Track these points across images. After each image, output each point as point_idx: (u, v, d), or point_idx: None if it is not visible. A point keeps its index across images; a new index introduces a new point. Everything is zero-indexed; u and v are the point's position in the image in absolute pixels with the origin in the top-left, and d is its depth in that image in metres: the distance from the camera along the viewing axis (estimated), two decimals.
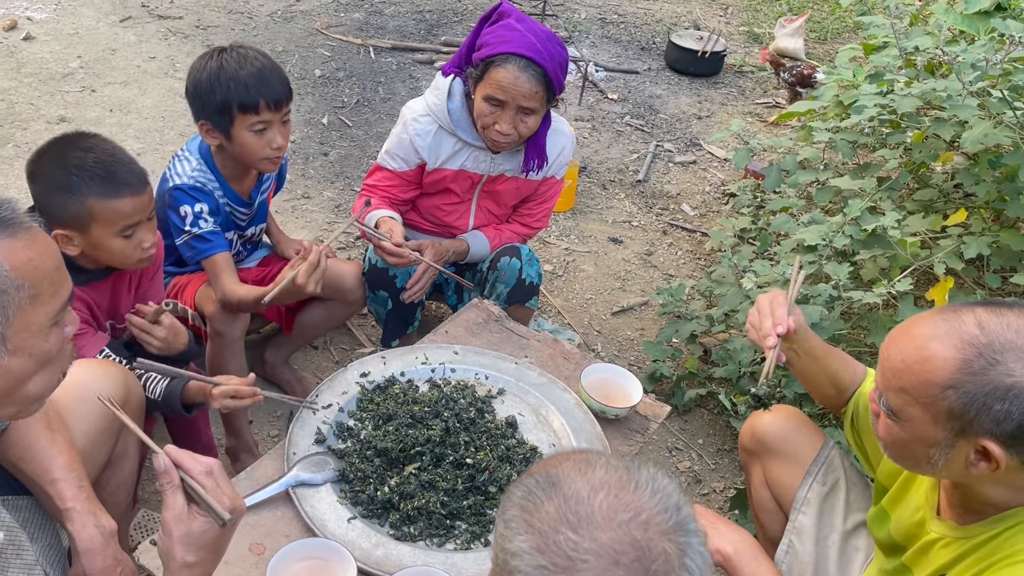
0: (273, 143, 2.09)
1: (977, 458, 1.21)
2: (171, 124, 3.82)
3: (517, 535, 0.87)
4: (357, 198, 2.39)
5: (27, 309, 1.07)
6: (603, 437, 1.89)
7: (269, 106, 2.04)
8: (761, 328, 1.59)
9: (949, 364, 1.18)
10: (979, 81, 2.41)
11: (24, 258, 1.06)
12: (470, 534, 1.67)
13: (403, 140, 2.34)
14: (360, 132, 4.05)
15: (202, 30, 4.71)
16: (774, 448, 1.78)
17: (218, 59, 2.06)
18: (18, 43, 4.31)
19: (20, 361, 1.09)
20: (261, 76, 2.04)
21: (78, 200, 1.70)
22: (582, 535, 0.84)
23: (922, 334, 1.23)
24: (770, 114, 4.66)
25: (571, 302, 3.21)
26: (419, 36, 4.99)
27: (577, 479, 0.89)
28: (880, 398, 1.30)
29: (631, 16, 5.71)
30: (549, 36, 2.16)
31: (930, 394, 1.20)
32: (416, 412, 1.85)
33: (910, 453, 1.29)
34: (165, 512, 1.10)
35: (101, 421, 1.54)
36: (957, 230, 2.61)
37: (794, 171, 2.89)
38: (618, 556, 0.83)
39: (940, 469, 1.27)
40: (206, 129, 2.10)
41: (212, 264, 2.14)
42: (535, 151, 2.33)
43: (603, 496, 0.87)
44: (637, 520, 0.85)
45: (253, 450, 2.32)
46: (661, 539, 0.85)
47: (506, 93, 2.13)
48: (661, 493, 0.88)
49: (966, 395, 1.17)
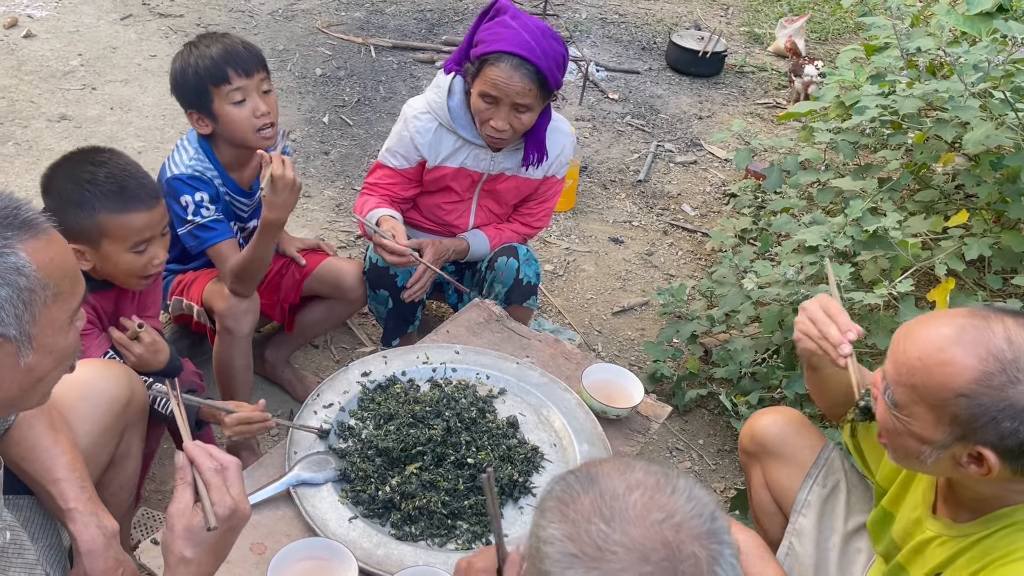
0: (257, 111, 2.11)
1: (969, 461, 1.21)
2: (171, 122, 3.82)
3: (551, 523, 0.89)
4: (358, 197, 2.38)
5: (51, 307, 1.09)
6: (604, 437, 1.89)
7: (239, 73, 2.07)
8: (827, 336, 1.49)
9: (968, 373, 1.16)
10: (981, 82, 2.41)
11: (47, 257, 1.08)
12: (471, 534, 1.67)
13: (404, 137, 2.34)
14: (361, 131, 4.04)
15: (203, 28, 4.70)
16: (774, 450, 1.78)
17: (187, 48, 2.13)
18: (19, 40, 4.30)
19: (41, 358, 1.10)
20: (226, 49, 2.09)
21: (89, 215, 1.70)
22: (613, 528, 0.86)
23: (946, 336, 1.20)
24: (771, 114, 4.66)
25: (572, 302, 3.21)
26: (420, 35, 4.99)
27: (615, 477, 0.91)
28: (886, 389, 1.29)
29: (632, 16, 5.70)
30: (544, 31, 2.16)
31: (940, 397, 1.19)
32: (417, 412, 1.85)
33: (901, 444, 1.29)
34: (171, 505, 1.12)
35: (104, 421, 1.54)
36: (958, 231, 2.61)
37: (795, 172, 2.89)
38: (648, 553, 0.84)
39: (927, 466, 1.27)
40: (195, 118, 2.13)
41: (217, 252, 2.14)
42: (534, 144, 2.33)
43: (638, 495, 0.89)
44: (670, 521, 0.87)
45: (254, 448, 2.32)
46: (692, 543, 0.86)
47: (499, 90, 2.14)
48: (696, 501, 0.90)
49: (979, 407, 1.16)
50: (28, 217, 1.08)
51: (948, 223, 2.57)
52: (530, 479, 1.79)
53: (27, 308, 1.05)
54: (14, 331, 1.05)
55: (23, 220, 1.07)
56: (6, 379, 1.08)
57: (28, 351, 1.08)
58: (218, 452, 1.15)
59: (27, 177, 3.28)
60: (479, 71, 2.17)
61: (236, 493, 1.13)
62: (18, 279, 1.04)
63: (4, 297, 1.03)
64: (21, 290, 1.04)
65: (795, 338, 1.57)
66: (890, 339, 2.42)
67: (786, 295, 2.48)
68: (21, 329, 1.06)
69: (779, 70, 5.12)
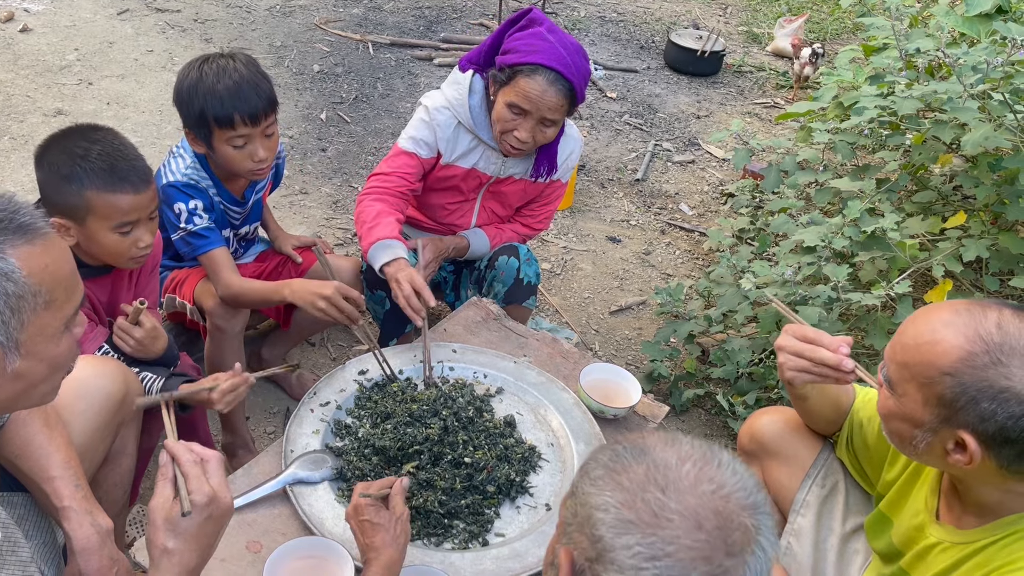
0: (255, 156, 2.07)
1: (955, 449, 1.23)
2: (168, 118, 3.80)
3: (604, 491, 0.91)
4: (363, 199, 2.27)
5: (41, 314, 1.08)
6: (601, 437, 1.89)
7: (245, 121, 2.01)
8: (823, 361, 1.46)
9: (954, 352, 1.19)
10: (980, 84, 2.41)
11: (41, 264, 1.07)
12: (468, 533, 1.67)
13: (429, 126, 2.29)
14: (358, 128, 4.03)
15: (200, 24, 4.69)
16: (773, 449, 1.77)
17: (199, 70, 2.03)
18: (15, 35, 4.29)
19: (32, 365, 1.10)
20: (238, 90, 1.99)
21: (77, 190, 1.69)
22: (669, 496, 0.88)
23: (940, 318, 1.24)
24: (769, 114, 4.66)
25: (569, 301, 3.20)
26: (418, 32, 4.98)
27: (666, 449, 0.94)
28: (883, 367, 1.32)
29: (630, 15, 5.70)
30: (577, 49, 2.15)
31: (927, 375, 1.22)
32: (414, 411, 1.84)
33: (897, 429, 1.31)
34: (151, 500, 1.14)
35: (99, 418, 1.53)
36: (956, 232, 2.62)
37: (793, 172, 2.88)
38: (702, 521, 0.87)
39: (920, 452, 1.29)
40: (191, 138, 2.09)
41: (209, 260, 2.13)
42: (546, 157, 2.32)
43: (690, 466, 0.91)
44: (720, 492, 0.90)
45: (250, 446, 2.31)
46: (741, 513, 0.89)
47: (531, 104, 2.11)
48: (740, 474, 0.93)
49: (960, 385, 1.18)
50: (24, 222, 1.07)
51: (946, 224, 2.57)
52: (527, 479, 1.79)
53: (14, 314, 1.04)
54: (0, 337, 1.04)
55: (19, 224, 1.06)
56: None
57: (15, 357, 1.07)
58: (200, 448, 1.17)
59: (22, 172, 3.26)
60: (509, 80, 2.13)
61: (216, 483, 1.14)
62: (5, 285, 1.03)
63: None
64: (8, 296, 1.03)
65: (788, 379, 1.53)
66: (887, 340, 2.43)
67: (784, 295, 2.48)
68: (8, 335, 1.05)
69: (777, 70, 5.12)
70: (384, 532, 1.41)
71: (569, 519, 0.95)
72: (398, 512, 1.45)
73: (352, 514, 1.46)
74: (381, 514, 1.43)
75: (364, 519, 1.42)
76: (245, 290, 2.11)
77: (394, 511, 1.45)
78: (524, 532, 1.68)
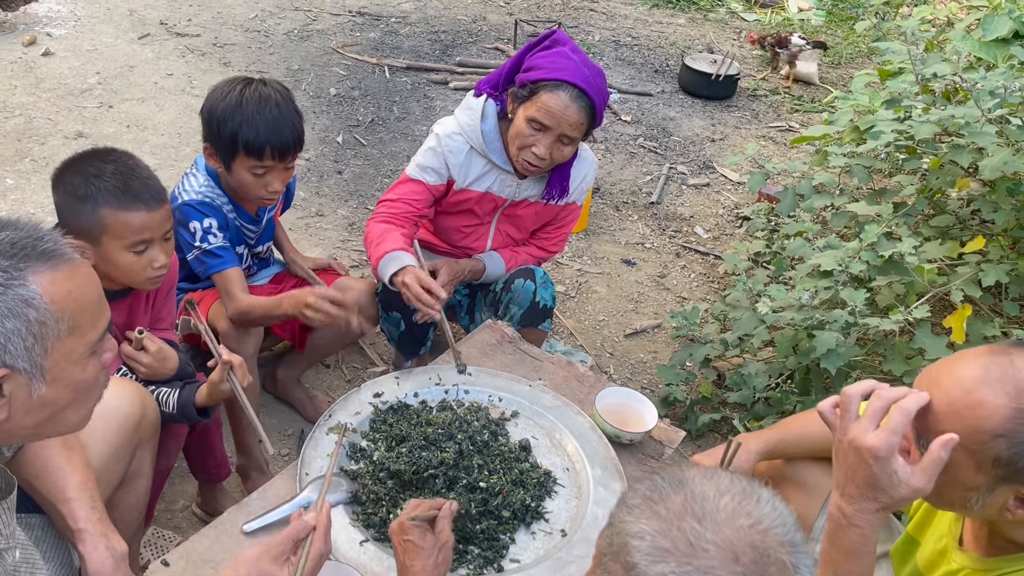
0: (270, 187, 2.12)
1: (1016, 504, 1.18)
2: (187, 141, 3.85)
3: (640, 520, 0.91)
4: (371, 224, 2.28)
5: (66, 340, 1.07)
6: (617, 462, 1.87)
7: (274, 155, 2.06)
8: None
9: (1000, 412, 1.14)
10: (998, 108, 2.40)
11: (64, 291, 1.06)
12: (483, 559, 1.65)
13: (438, 154, 2.31)
14: (374, 151, 4.06)
15: (219, 48, 4.75)
16: (790, 475, 1.75)
17: (240, 93, 2.06)
18: (37, 59, 4.35)
19: (58, 391, 1.09)
20: (275, 124, 2.05)
21: (92, 209, 1.70)
22: (706, 527, 0.89)
23: (971, 377, 1.18)
24: (784, 138, 4.66)
25: (584, 324, 3.20)
26: (434, 56, 5.03)
27: (705, 481, 0.94)
28: (919, 440, 1.25)
29: (645, 39, 5.73)
30: (599, 72, 2.18)
31: (978, 440, 1.16)
32: (430, 434, 1.84)
33: (944, 495, 1.25)
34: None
35: (116, 439, 1.54)
36: (975, 257, 2.60)
37: (809, 195, 2.88)
38: (738, 554, 0.87)
39: (976, 511, 1.24)
40: (209, 152, 2.12)
41: (222, 278, 2.15)
42: (559, 179, 2.34)
43: (728, 500, 0.91)
44: (758, 527, 0.89)
45: (264, 468, 2.31)
46: (779, 549, 0.88)
47: (553, 119, 2.12)
48: (779, 511, 0.92)
49: (1018, 445, 1.14)
50: (48, 248, 1.07)
51: (964, 249, 2.55)
52: (543, 504, 1.77)
53: (37, 341, 1.04)
54: (24, 363, 1.04)
55: (42, 251, 1.06)
56: (19, 412, 1.07)
57: (41, 384, 1.06)
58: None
59: (43, 194, 3.30)
60: (531, 96, 2.15)
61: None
62: (27, 311, 1.03)
63: (11, 329, 1.02)
64: (30, 322, 1.03)
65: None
66: (905, 366, 2.39)
67: (800, 319, 2.46)
68: (32, 361, 1.04)
69: (792, 94, 5.13)
70: (426, 558, 1.39)
71: (605, 548, 0.95)
72: (443, 538, 1.42)
73: (397, 531, 1.43)
74: (426, 538, 1.41)
75: (408, 539, 1.40)
76: (252, 306, 2.13)
77: (439, 536, 1.42)
78: (539, 559, 1.66)
